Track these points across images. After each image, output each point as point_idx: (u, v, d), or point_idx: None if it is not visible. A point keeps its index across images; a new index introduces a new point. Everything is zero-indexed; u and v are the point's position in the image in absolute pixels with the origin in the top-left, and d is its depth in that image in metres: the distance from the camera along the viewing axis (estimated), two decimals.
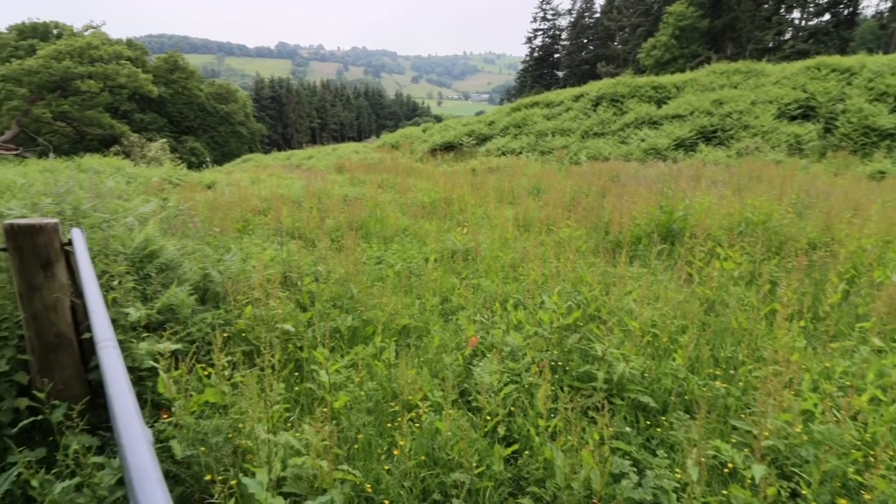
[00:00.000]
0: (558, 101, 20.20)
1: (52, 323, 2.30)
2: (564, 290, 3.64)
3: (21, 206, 3.95)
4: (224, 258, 3.81)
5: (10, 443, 2.10)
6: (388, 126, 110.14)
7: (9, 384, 2.35)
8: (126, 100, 36.77)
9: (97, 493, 1.88)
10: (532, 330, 3.10)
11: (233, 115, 49.74)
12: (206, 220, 6.05)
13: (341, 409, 2.42)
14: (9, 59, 32.67)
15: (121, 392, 0.92)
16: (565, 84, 53.55)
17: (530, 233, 5.96)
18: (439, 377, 2.80)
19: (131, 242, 3.15)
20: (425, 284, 4.28)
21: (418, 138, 22.42)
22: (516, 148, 16.60)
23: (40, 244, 2.21)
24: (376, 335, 3.11)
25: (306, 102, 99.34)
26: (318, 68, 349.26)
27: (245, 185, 10.63)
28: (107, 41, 34.34)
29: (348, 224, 6.57)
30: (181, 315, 2.86)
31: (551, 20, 59.14)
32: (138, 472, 0.72)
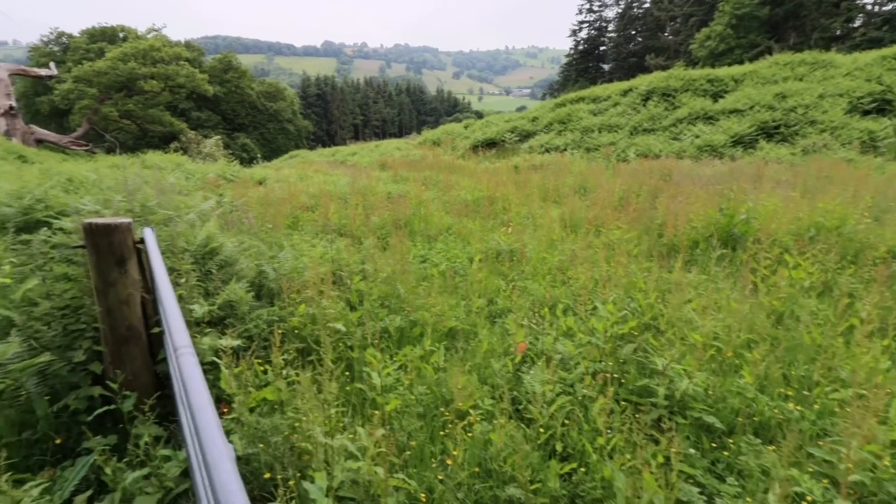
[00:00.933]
0: (605, 95, 19.53)
1: (124, 317, 2.44)
2: (617, 297, 3.50)
3: (94, 201, 4.22)
4: (278, 256, 3.92)
5: (86, 429, 2.24)
6: (429, 122, 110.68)
7: (84, 373, 2.50)
8: (184, 98, 38.78)
9: (164, 484, 1.97)
10: (584, 338, 2.99)
11: (281, 112, 51.51)
12: (258, 217, 6.27)
13: (392, 413, 2.43)
14: (81, 62, 35.27)
15: (202, 404, 0.93)
16: (611, 78, 51.82)
17: (577, 234, 5.78)
18: (488, 383, 2.75)
19: (194, 239, 3.29)
20: (470, 285, 4.24)
21: (460, 135, 22.34)
22: (560, 145, 16.19)
23: (115, 242, 2.33)
24: (425, 337, 3.10)
25: (350, 99, 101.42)
26: (362, 66, 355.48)
27: (293, 181, 10.95)
28: (167, 43, 36.41)
29: (393, 222, 6.62)
30: (240, 311, 2.96)
31: (598, 11, 57.31)
32: (225, 493, 0.72)
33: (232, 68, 47.80)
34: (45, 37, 43.34)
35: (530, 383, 2.55)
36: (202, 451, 0.83)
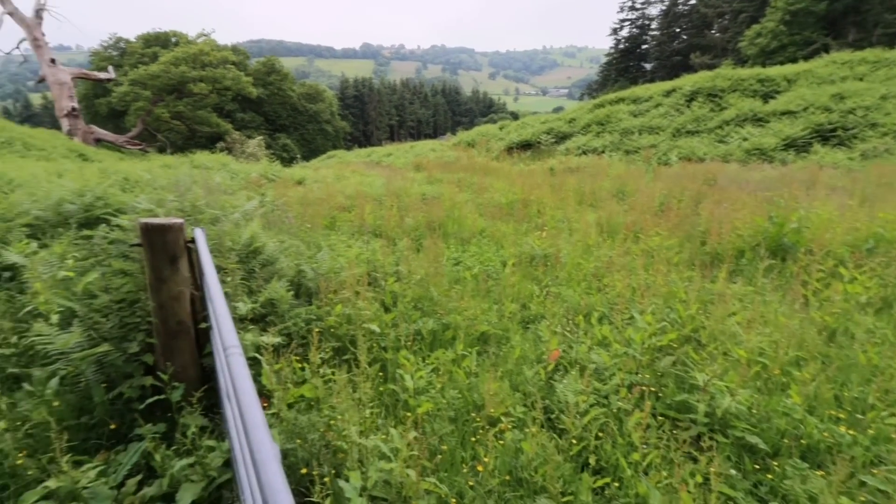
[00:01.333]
0: (646, 96, 18.96)
1: (175, 312, 2.58)
2: (656, 307, 3.40)
3: (148, 200, 4.47)
4: (316, 256, 4.03)
5: (138, 417, 2.39)
6: (464, 123, 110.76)
7: (137, 364, 2.67)
8: (230, 100, 40.48)
9: (208, 473, 2.08)
10: (620, 349, 2.93)
11: (320, 113, 52.89)
12: (298, 216, 6.48)
13: (423, 416, 2.46)
14: (136, 66, 37.45)
15: (250, 404, 0.98)
16: (654, 77, 50.26)
17: (615, 240, 5.65)
18: (520, 391, 2.74)
19: (239, 239, 3.44)
20: (503, 290, 4.22)
21: (494, 136, 22.25)
22: (598, 147, 15.85)
23: (169, 241, 2.47)
24: (457, 341, 3.12)
25: (386, 101, 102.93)
26: (399, 67, 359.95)
27: (331, 181, 11.23)
28: (215, 47, 38.09)
29: (427, 223, 6.68)
30: (280, 309, 3.07)
31: (640, 9, 55.73)
32: (272, 492, 0.76)
33: (275, 71, 49.47)
34: (104, 42, 46.28)
35: (563, 393, 2.52)
36: (250, 450, 0.88)
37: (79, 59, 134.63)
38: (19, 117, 73.57)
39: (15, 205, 4.43)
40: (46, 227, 4.32)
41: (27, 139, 17.32)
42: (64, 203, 4.57)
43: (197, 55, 34.69)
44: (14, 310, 3.35)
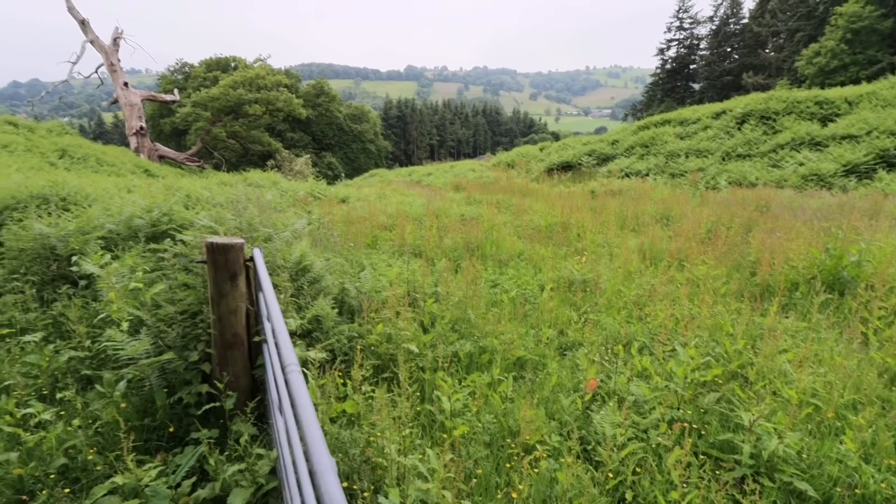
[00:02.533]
0: (694, 118, 18.48)
1: (231, 325, 2.77)
2: (701, 340, 3.31)
3: (208, 217, 4.82)
4: (359, 275, 4.20)
5: (196, 421, 2.57)
6: (503, 143, 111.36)
7: (196, 372, 2.87)
8: (281, 120, 42.74)
9: (256, 479, 2.20)
10: (661, 382, 2.87)
11: (364, 133, 54.80)
12: (342, 234, 6.75)
13: (459, 438, 2.50)
14: (198, 88, 40.34)
15: (309, 420, 1.08)
16: (702, 98, 48.92)
17: (658, 267, 5.52)
18: (556, 419, 2.73)
19: (290, 257, 3.65)
20: (541, 314, 4.23)
21: (535, 157, 22.27)
22: (642, 169, 15.53)
23: (230, 259, 2.68)
24: (493, 365, 3.15)
25: (427, 121, 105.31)
26: (441, 88, 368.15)
27: (372, 200, 11.60)
28: (270, 72, 40.50)
29: (465, 245, 6.77)
30: (325, 326, 3.23)
31: (688, 29, 54.69)
32: (331, 501, 0.84)
33: (324, 93, 51.91)
34: (171, 67, 50.29)
35: (600, 424, 2.50)
36: (310, 462, 0.97)
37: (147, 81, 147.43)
38: (93, 134, 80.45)
39: (92, 219, 4.88)
40: (118, 240, 4.73)
41: (100, 155, 18.95)
42: (134, 218, 4.99)
43: (253, 79, 37.00)
44: (89, 316, 3.69)
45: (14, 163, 12.25)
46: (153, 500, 2.12)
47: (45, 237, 4.50)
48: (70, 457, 2.48)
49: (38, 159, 14.42)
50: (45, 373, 3.10)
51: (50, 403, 2.87)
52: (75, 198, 6.09)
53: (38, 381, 3.06)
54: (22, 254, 4.47)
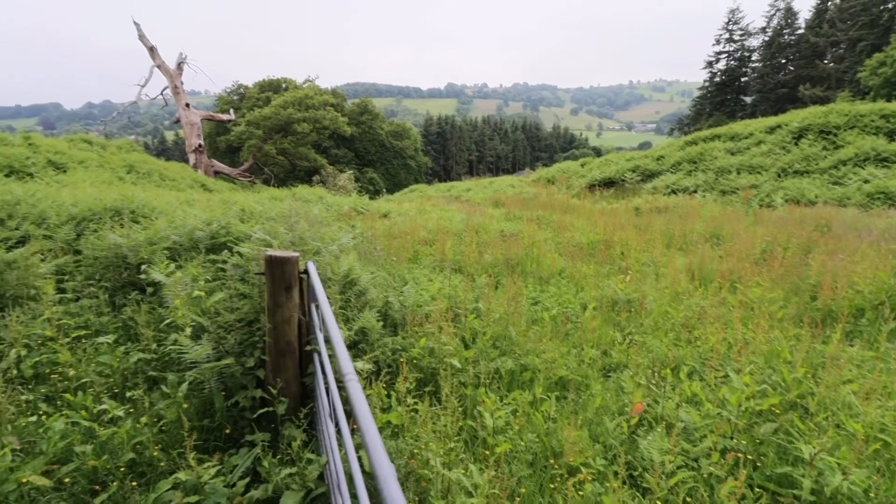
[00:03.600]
0: (746, 132, 17.73)
1: (285, 333, 2.92)
2: (756, 367, 3.16)
3: (262, 230, 5.09)
4: (402, 289, 4.31)
5: (253, 425, 2.71)
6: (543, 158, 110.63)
7: (251, 377, 3.03)
8: (327, 138, 44.48)
9: (306, 484, 2.29)
10: (712, 409, 2.76)
11: (405, 149, 56.09)
12: (384, 248, 6.93)
13: (501, 455, 2.50)
14: (252, 108, 42.71)
15: (369, 427, 1.14)
16: (754, 111, 46.88)
17: (708, 288, 5.31)
18: (601, 442, 2.68)
19: (338, 270, 3.81)
20: (583, 334, 4.16)
21: (576, 173, 22.00)
22: (690, 186, 15.00)
23: (286, 272, 2.84)
24: (535, 383, 3.14)
25: (467, 137, 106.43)
26: (481, 105, 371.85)
27: (413, 215, 11.83)
28: (318, 91, 42.40)
29: (505, 261, 6.78)
30: (370, 338, 3.33)
31: (739, 41, 52.81)
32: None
33: (367, 111, 53.70)
34: (228, 88, 53.63)
35: (647, 450, 2.44)
36: (372, 467, 1.03)
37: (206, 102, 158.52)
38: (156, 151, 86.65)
39: (159, 230, 5.26)
40: (182, 251, 5.08)
41: (162, 171, 20.40)
42: (196, 231, 5.35)
43: (302, 99, 38.86)
44: (155, 321, 3.98)
45: (89, 177, 13.41)
46: (212, 498, 2.25)
47: (117, 247, 4.90)
48: (138, 452, 2.68)
49: (109, 174, 15.71)
50: (117, 372, 3.36)
51: (120, 401, 3.11)
52: (143, 210, 6.59)
53: (110, 380, 3.32)
54: (97, 262, 4.89)
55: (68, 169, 14.10)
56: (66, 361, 3.34)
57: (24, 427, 2.78)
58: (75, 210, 5.88)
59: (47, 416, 2.92)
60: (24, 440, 2.68)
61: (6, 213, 5.57)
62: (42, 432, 2.73)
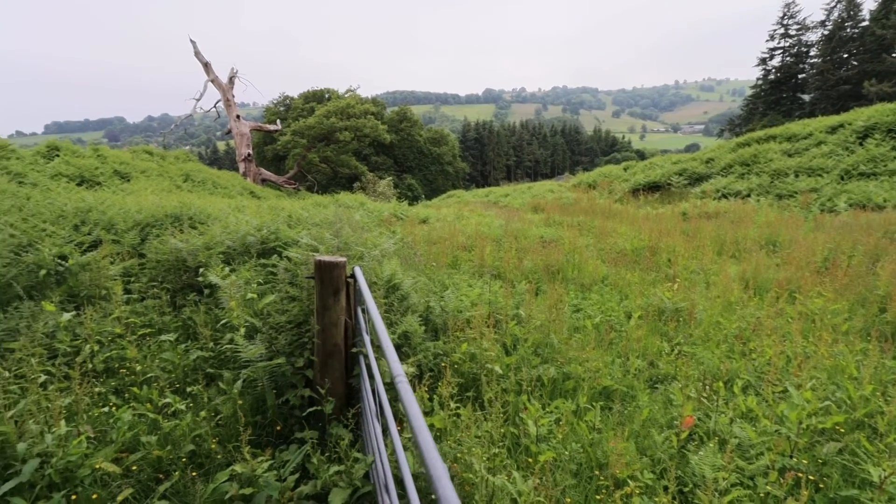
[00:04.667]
0: (804, 132, 16.69)
1: (332, 335, 3.03)
2: (818, 382, 2.97)
3: (309, 236, 5.29)
4: (443, 294, 4.35)
5: (303, 422, 2.82)
6: (583, 163, 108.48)
7: (300, 377, 3.16)
8: (367, 145, 45.58)
9: (353, 482, 2.37)
10: (770, 425, 2.62)
11: (443, 156, 56.57)
12: (424, 254, 7.02)
13: (545, 464, 2.48)
14: (297, 118, 44.42)
15: (421, 427, 1.18)
16: (813, 110, 44.04)
17: (763, 298, 5.04)
18: (648, 455, 2.60)
19: (382, 274, 3.90)
20: (628, 344, 4.05)
21: (618, 177, 21.42)
22: (742, 190, 14.25)
23: (335, 276, 2.95)
24: (579, 392, 3.09)
25: (505, 142, 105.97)
26: (519, 109, 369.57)
27: (451, 220, 11.91)
28: (359, 101, 43.58)
29: (545, 267, 6.70)
30: (413, 342, 3.39)
31: (795, 36, 49.85)
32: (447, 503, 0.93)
33: (406, 119, 54.64)
34: (274, 100, 56.03)
35: (699, 465, 2.35)
36: (426, 466, 1.07)
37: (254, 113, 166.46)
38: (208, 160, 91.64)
39: (214, 236, 5.57)
40: (235, 255, 5.35)
41: (215, 179, 21.55)
42: (247, 236, 5.62)
43: (344, 108, 40.06)
44: (212, 321, 4.21)
45: (150, 185, 14.37)
46: (265, 491, 2.36)
47: (178, 251, 5.23)
48: (197, 444, 2.84)
49: (167, 182, 16.76)
50: (178, 368, 3.59)
51: (181, 396, 3.31)
52: (199, 217, 6.99)
53: (171, 376, 3.55)
54: (159, 265, 5.24)
55: (132, 178, 15.18)
56: (133, 357, 3.60)
57: (97, 417, 3.02)
58: (140, 216, 6.32)
59: (117, 407, 3.16)
60: (97, 429, 2.91)
61: (80, 219, 6.05)
62: (112, 422, 2.96)
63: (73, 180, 12.19)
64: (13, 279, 4.25)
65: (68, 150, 14.81)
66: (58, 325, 3.66)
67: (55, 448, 2.52)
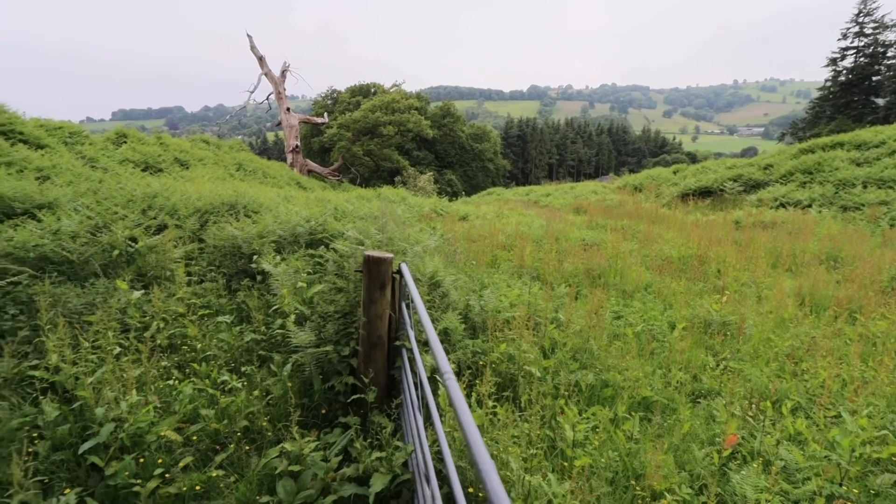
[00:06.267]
0: (876, 140, 15.48)
1: (376, 327, 3.15)
2: (876, 409, 2.83)
3: (355, 230, 5.48)
4: (483, 294, 4.41)
5: (348, 407, 2.97)
6: (630, 163, 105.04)
7: (345, 365, 3.32)
8: (409, 140, 46.09)
9: (392, 468, 2.48)
10: (819, 450, 2.52)
11: (484, 152, 56.34)
12: (464, 252, 7.09)
13: (580, 469, 2.50)
14: (343, 112, 45.48)
15: (469, 423, 1.25)
16: (888, 115, 40.62)
17: (820, 317, 4.78)
18: (687, 470, 2.57)
19: (425, 270, 4.01)
20: (670, 355, 3.97)
21: (667, 180, 20.65)
22: (803, 199, 13.41)
23: (382, 271, 3.07)
24: (619, 402, 3.07)
25: (548, 140, 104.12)
26: (565, 107, 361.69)
27: (490, 218, 11.91)
28: (404, 96, 44.09)
29: (586, 271, 6.62)
30: (453, 339, 3.48)
31: (871, 35, 46.01)
32: (498, 498, 0.99)
33: (449, 114, 54.76)
34: (322, 93, 57.58)
35: (740, 485, 2.30)
36: (474, 462, 1.14)
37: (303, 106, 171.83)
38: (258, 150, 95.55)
39: (267, 225, 5.86)
40: (285, 244, 5.62)
41: (265, 169, 22.48)
42: (297, 227, 5.88)
43: (389, 103, 40.69)
44: (264, 306, 4.47)
45: (206, 173, 15.19)
46: (311, 469, 2.51)
47: (234, 238, 5.55)
48: (250, 420, 3.06)
49: (222, 171, 17.65)
50: (233, 349, 3.84)
51: (236, 374, 3.55)
52: (252, 206, 7.35)
53: (227, 355, 3.81)
54: (216, 250, 5.58)
55: (190, 165, 16.10)
56: (194, 335, 3.89)
57: (162, 389, 3.30)
58: (199, 203, 6.73)
59: (179, 381, 3.43)
60: (162, 400, 3.18)
61: (147, 204, 6.51)
62: (175, 395, 3.22)
63: (138, 166, 13.09)
64: (91, 257, 4.67)
65: (134, 137, 15.88)
66: (129, 302, 3.99)
67: (127, 415, 2.79)
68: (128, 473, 2.51)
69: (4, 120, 10.49)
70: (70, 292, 4.01)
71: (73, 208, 5.59)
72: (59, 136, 12.37)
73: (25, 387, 3.16)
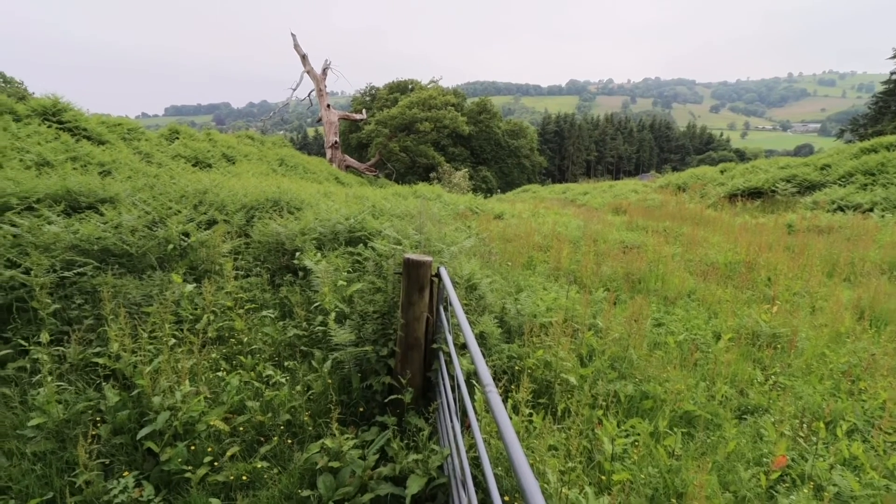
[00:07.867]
0: None
1: (414, 329, 3.20)
2: None
3: (392, 229, 5.56)
4: (519, 297, 4.39)
5: (386, 406, 3.04)
6: (673, 161, 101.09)
7: (383, 364, 3.39)
8: (445, 136, 46.14)
9: (429, 471, 2.52)
10: (877, 478, 2.38)
11: (520, 148, 55.66)
12: (499, 252, 7.06)
13: (618, 484, 2.46)
14: (381, 108, 46.01)
15: (513, 440, 1.26)
16: None
17: (881, 332, 4.47)
18: (731, 490, 2.48)
19: (462, 272, 4.03)
20: (715, 367, 3.82)
21: (713, 180, 19.75)
22: (864, 203, 12.51)
23: (420, 274, 3.11)
24: (660, 416, 2.99)
25: (586, 136, 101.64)
26: (604, 102, 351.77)
27: (526, 217, 11.77)
28: (441, 92, 44.13)
29: (625, 275, 6.45)
30: (489, 343, 3.48)
31: None
32: None
33: (486, 110, 54.39)
34: (361, 90, 58.42)
35: None
36: (518, 479, 1.15)
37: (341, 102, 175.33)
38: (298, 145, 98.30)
39: (308, 222, 6.03)
40: (326, 241, 5.77)
41: (305, 164, 23.10)
42: (337, 224, 6.03)
43: (426, 99, 40.85)
44: (305, 302, 4.62)
45: (251, 168, 15.77)
46: (350, 467, 2.59)
47: (277, 234, 5.75)
48: (292, 414, 3.18)
49: (265, 167, 18.27)
50: (277, 343, 4.00)
51: (280, 368, 3.70)
52: (294, 202, 7.58)
53: (271, 349, 3.97)
54: (261, 245, 5.79)
55: (236, 161, 16.76)
56: (241, 329, 4.07)
57: (211, 380, 3.48)
58: (246, 200, 7.00)
59: (227, 372, 3.61)
60: (212, 391, 3.35)
61: (198, 199, 6.83)
62: (223, 386, 3.39)
63: (189, 161, 13.74)
64: (148, 251, 4.96)
65: (186, 133, 16.68)
66: (182, 295, 4.22)
67: (181, 403, 2.96)
68: (181, 460, 2.67)
69: (70, 117, 11.26)
70: (130, 284, 4.28)
71: (132, 203, 5.95)
72: (118, 133, 13.16)
73: (89, 373, 3.40)
